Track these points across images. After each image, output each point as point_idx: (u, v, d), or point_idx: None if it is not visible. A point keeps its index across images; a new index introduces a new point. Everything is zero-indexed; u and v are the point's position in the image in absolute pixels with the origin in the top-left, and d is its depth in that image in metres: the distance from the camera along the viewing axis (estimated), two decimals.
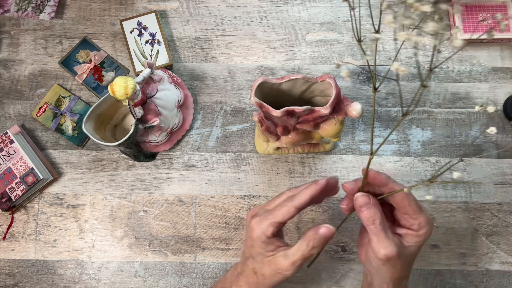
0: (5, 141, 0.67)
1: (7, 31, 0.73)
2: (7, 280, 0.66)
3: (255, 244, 0.46)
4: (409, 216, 0.44)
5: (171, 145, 0.69)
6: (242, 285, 0.49)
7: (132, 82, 0.56)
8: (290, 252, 0.45)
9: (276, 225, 0.45)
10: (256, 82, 0.52)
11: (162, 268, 0.66)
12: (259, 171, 0.69)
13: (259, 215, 0.47)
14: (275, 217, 0.45)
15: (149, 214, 0.68)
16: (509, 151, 0.68)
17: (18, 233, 0.67)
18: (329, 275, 0.66)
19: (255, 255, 0.47)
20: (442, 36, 0.30)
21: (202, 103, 0.71)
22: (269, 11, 0.73)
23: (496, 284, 0.65)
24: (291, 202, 0.46)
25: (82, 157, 0.70)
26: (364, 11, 0.73)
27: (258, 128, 0.60)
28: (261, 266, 0.47)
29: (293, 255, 0.45)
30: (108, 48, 0.72)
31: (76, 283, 0.66)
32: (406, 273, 0.47)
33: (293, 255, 0.45)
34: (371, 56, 0.34)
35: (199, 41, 0.73)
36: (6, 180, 0.66)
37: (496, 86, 0.70)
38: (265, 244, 0.46)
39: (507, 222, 0.67)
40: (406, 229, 0.46)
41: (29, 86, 0.71)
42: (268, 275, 0.46)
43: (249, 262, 0.48)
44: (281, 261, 0.45)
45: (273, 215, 0.46)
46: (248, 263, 0.48)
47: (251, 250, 0.47)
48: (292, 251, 0.45)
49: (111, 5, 0.74)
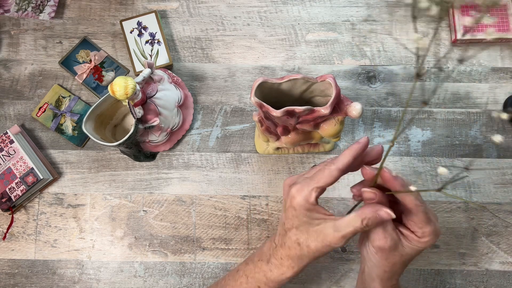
0: (5, 141, 0.67)
1: (7, 31, 0.73)
2: (7, 280, 0.66)
3: (298, 213, 0.43)
4: (415, 223, 0.43)
5: (171, 145, 0.69)
6: (283, 257, 0.46)
7: (132, 82, 0.56)
8: (341, 224, 0.42)
9: (319, 190, 0.43)
10: (256, 82, 0.52)
11: (162, 268, 0.66)
12: (259, 171, 0.69)
13: (298, 182, 0.44)
14: (318, 181, 0.43)
15: (149, 214, 0.68)
16: (509, 151, 0.69)
17: (18, 233, 0.67)
18: (329, 275, 0.66)
19: (298, 225, 0.44)
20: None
21: (202, 103, 0.71)
22: (269, 11, 0.73)
23: (496, 284, 0.65)
24: (333, 165, 0.43)
25: (82, 157, 0.70)
26: (364, 11, 0.73)
27: (258, 128, 0.60)
28: (307, 237, 0.44)
29: (345, 227, 0.42)
30: (108, 48, 0.72)
31: (76, 283, 0.66)
32: (398, 270, 0.46)
33: (345, 228, 0.42)
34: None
35: (199, 41, 0.73)
36: (6, 180, 0.66)
37: (496, 86, 0.70)
38: (309, 212, 0.43)
39: (507, 222, 0.67)
40: (409, 231, 0.44)
41: (29, 86, 0.71)
42: (314, 247, 0.43)
43: (291, 233, 0.45)
44: (331, 232, 0.42)
45: (315, 180, 0.43)
46: (290, 234, 0.45)
47: (293, 221, 0.44)
48: (344, 223, 0.42)
49: (111, 5, 0.74)
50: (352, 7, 0.73)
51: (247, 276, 0.50)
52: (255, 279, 0.49)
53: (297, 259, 0.45)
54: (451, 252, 0.66)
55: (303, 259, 0.45)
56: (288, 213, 0.45)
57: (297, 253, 0.45)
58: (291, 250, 0.45)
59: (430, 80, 0.70)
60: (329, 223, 0.43)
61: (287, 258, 0.46)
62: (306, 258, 0.45)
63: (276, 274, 0.47)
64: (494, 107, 0.70)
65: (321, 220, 0.43)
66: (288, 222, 0.45)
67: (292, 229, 0.45)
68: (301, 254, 0.45)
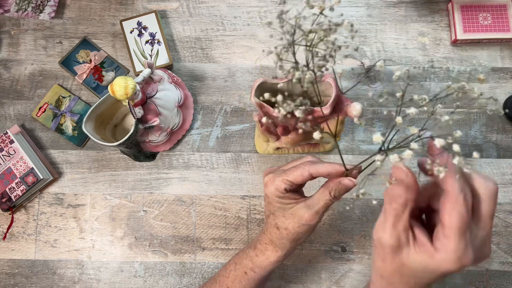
0: (5, 141, 0.67)
1: (7, 31, 0.73)
2: (7, 280, 0.66)
3: (270, 200, 0.47)
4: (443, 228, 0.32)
5: (171, 145, 0.69)
6: (267, 242, 0.50)
7: (132, 82, 0.56)
8: (312, 202, 0.45)
9: (288, 183, 0.45)
10: (256, 82, 0.52)
11: (162, 268, 0.66)
12: (259, 171, 0.69)
13: (272, 172, 0.47)
14: (288, 176, 0.45)
15: (149, 214, 0.68)
16: (509, 151, 0.69)
17: (18, 233, 0.67)
18: (329, 275, 0.66)
19: (274, 210, 0.47)
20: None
21: (202, 103, 0.71)
22: (269, 11, 0.73)
23: (496, 284, 0.65)
24: (308, 167, 0.45)
25: (82, 157, 0.70)
26: (364, 11, 0.73)
27: (258, 128, 0.60)
28: (283, 220, 0.47)
29: (316, 204, 0.45)
30: (108, 48, 0.72)
31: (76, 283, 0.66)
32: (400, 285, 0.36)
33: (316, 205, 0.45)
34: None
35: (199, 41, 0.73)
36: (6, 180, 0.66)
37: (496, 86, 0.70)
38: (280, 199, 0.46)
39: (507, 222, 0.67)
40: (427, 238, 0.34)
41: (29, 86, 0.71)
42: (292, 228, 0.46)
43: (270, 219, 0.48)
44: (304, 212, 0.45)
45: (286, 174, 0.46)
46: (269, 220, 0.49)
47: (269, 207, 0.48)
48: (314, 201, 0.45)
49: (111, 5, 0.74)
50: (352, 7, 0.73)
51: (235, 264, 0.53)
52: (242, 265, 0.52)
53: (279, 242, 0.48)
54: None
55: (284, 242, 0.48)
56: (265, 201, 0.49)
57: (277, 237, 0.48)
58: (272, 235, 0.48)
59: (430, 80, 0.70)
60: (301, 204, 0.46)
61: (270, 243, 0.49)
62: (286, 240, 0.47)
63: (261, 258, 0.50)
64: (494, 107, 0.70)
65: (293, 203, 0.46)
66: (266, 209, 0.49)
67: (270, 215, 0.48)
68: (281, 237, 0.48)
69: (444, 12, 0.72)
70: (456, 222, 0.31)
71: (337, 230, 0.67)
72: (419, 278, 0.35)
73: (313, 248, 0.66)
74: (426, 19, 0.72)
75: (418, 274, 0.34)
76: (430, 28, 0.72)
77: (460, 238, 0.31)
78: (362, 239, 0.67)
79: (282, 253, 0.49)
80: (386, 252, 0.35)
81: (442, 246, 0.32)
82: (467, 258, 0.32)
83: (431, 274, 0.34)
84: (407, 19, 0.73)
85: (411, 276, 0.35)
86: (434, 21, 0.72)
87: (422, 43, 0.71)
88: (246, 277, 0.51)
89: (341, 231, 0.67)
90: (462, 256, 0.32)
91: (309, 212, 0.45)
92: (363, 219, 0.67)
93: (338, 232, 0.67)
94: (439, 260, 0.32)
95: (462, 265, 0.32)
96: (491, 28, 0.70)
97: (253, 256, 0.51)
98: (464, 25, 0.70)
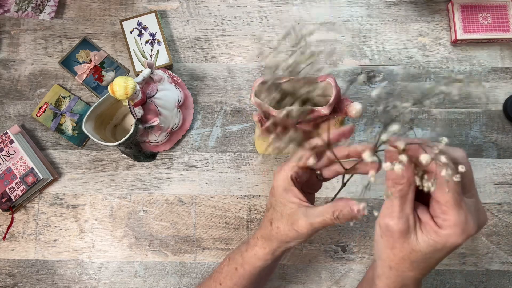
0: (5, 141, 0.67)
1: (7, 31, 0.73)
2: (7, 280, 0.66)
3: (275, 192, 0.45)
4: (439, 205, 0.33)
5: (171, 145, 0.69)
6: (258, 237, 0.48)
7: (132, 82, 0.56)
8: (312, 212, 0.42)
9: (294, 168, 0.44)
10: (256, 82, 0.52)
11: (162, 268, 0.66)
12: (259, 171, 0.69)
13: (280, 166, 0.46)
14: (291, 161, 0.44)
15: (149, 214, 0.68)
16: (509, 151, 0.68)
17: (18, 233, 0.67)
18: (329, 275, 0.66)
19: (275, 204, 0.45)
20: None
21: (202, 103, 0.71)
22: (269, 11, 0.73)
23: (496, 284, 0.65)
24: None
25: (82, 157, 0.70)
26: (364, 11, 0.73)
27: (258, 128, 0.60)
28: (279, 217, 0.45)
29: (315, 216, 0.42)
30: (108, 48, 0.72)
31: (76, 283, 0.66)
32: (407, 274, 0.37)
33: (314, 217, 0.42)
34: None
35: (199, 41, 0.73)
36: (6, 180, 0.66)
37: (496, 86, 0.70)
38: (285, 193, 0.44)
39: (507, 222, 0.67)
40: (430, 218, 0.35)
41: (29, 86, 0.71)
42: (283, 229, 0.44)
43: (269, 212, 0.46)
44: (301, 217, 0.42)
45: (290, 161, 0.44)
46: (267, 214, 0.47)
47: (271, 200, 0.46)
48: (315, 212, 0.42)
49: (111, 5, 0.74)
50: (352, 7, 0.73)
51: (229, 259, 0.51)
52: (234, 260, 0.50)
53: (267, 239, 0.46)
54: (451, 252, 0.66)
55: (272, 240, 0.46)
56: (270, 193, 0.47)
57: (267, 233, 0.46)
58: (264, 230, 0.47)
59: (430, 80, 0.70)
60: (301, 209, 0.43)
61: (260, 238, 0.47)
62: (274, 240, 0.45)
63: (250, 254, 0.48)
64: (494, 107, 0.70)
65: (295, 204, 0.44)
66: (269, 201, 0.47)
67: (270, 208, 0.46)
68: (270, 235, 0.46)
69: (444, 12, 0.73)
70: (451, 196, 0.32)
71: (337, 230, 0.67)
72: (428, 260, 0.35)
73: (313, 248, 0.66)
74: (426, 19, 0.72)
75: (427, 255, 0.35)
76: (430, 28, 0.72)
77: (458, 210, 0.33)
78: (362, 239, 0.67)
79: (268, 250, 0.47)
80: (395, 239, 0.35)
81: (444, 222, 0.33)
82: (471, 228, 0.33)
83: (440, 252, 0.35)
84: (407, 19, 0.73)
85: (420, 260, 0.36)
86: (434, 21, 0.72)
87: (422, 43, 0.72)
88: (237, 274, 0.50)
89: (341, 231, 0.67)
90: (465, 227, 0.33)
91: (304, 220, 0.42)
92: (363, 219, 0.67)
93: (338, 232, 0.67)
94: (445, 236, 0.33)
95: (467, 235, 0.33)
96: (491, 28, 0.70)
97: (244, 251, 0.50)
98: (464, 25, 0.70)
